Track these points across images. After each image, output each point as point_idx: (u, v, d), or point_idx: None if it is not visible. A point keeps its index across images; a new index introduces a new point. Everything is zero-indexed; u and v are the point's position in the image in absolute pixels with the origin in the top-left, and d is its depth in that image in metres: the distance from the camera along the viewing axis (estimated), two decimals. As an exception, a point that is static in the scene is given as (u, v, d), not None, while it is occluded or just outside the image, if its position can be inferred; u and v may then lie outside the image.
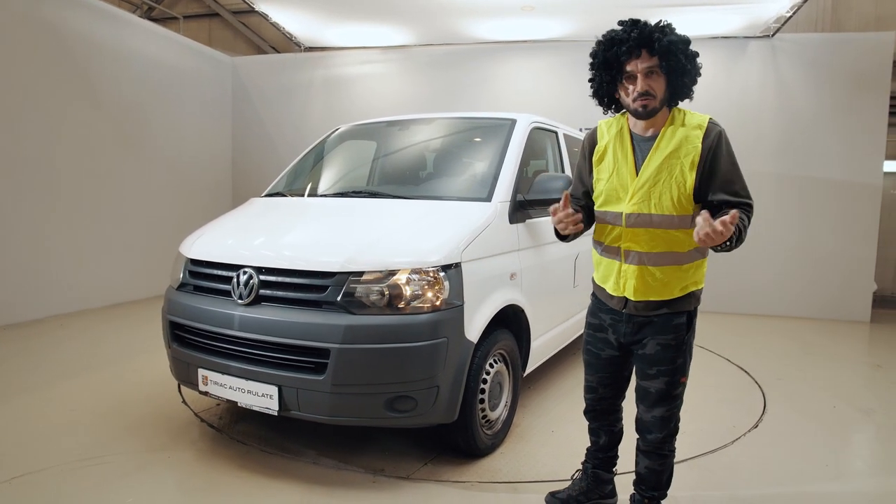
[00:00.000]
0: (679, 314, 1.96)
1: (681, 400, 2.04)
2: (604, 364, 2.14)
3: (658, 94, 1.84)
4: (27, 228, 5.46)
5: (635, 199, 1.89)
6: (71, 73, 5.86)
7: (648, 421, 2.05)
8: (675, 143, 1.86)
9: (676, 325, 1.96)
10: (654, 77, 1.83)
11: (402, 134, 3.88)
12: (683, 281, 1.93)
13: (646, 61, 1.81)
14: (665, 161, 1.86)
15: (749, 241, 7.53)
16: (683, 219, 1.86)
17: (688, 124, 1.89)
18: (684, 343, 1.97)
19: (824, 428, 3.40)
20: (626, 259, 1.95)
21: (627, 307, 1.99)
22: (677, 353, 1.97)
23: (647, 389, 2.02)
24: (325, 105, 8.08)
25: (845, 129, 6.46)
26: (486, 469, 2.74)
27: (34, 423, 3.17)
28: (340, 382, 2.40)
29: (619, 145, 1.97)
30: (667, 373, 1.98)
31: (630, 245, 1.93)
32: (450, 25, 7.13)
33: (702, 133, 1.85)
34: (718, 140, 1.85)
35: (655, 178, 1.86)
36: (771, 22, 6.37)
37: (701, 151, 1.83)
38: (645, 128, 1.93)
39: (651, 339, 1.97)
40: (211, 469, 2.70)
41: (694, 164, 1.83)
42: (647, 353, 1.98)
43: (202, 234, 3.11)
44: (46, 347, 4.66)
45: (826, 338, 5.71)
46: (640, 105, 1.84)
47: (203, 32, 9.60)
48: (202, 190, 7.76)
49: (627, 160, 1.94)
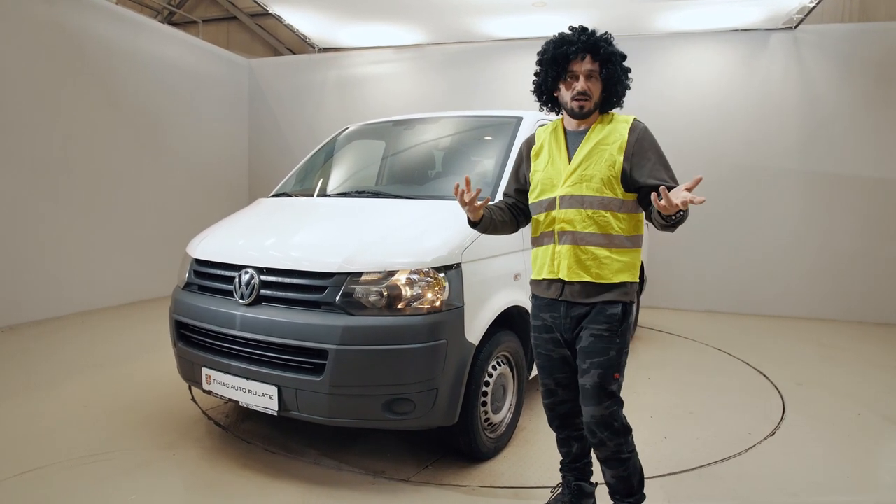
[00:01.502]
0: (613, 304, 2.01)
1: (618, 398, 2.03)
2: (557, 364, 2.14)
3: (593, 97, 2.02)
4: (47, 228, 5.58)
5: (569, 182, 2.02)
6: (90, 78, 5.97)
7: (589, 422, 2.02)
8: (604, 133, 2.03)
9: (610, 315, 2.00)
10: (593, 81, 2.01)
11: (407, 133, 3.86)
12: (617, 265, 2.00)
13: (588, 65, 1.99)
14: (595, 147, 2.01)
15: (771, 240, 7.34)
16: (612, 201, 1.98)
17: (616, 121, 2.07)
18: (617, 335, 2.00)
19: (846, 437, 3.26)
20: (559, 240, 2.03)
21: (564, 293, 2.03)
22: (610, 345, 1.99)
23: (583, 386, 2.02)
24: (339, 105, 8.11)
25: (873, 124, 6.22)
26: (488, 473, 2.70)
27: (46, 419, 3.22)
28: (338, 384, 2.38)
29: (554, 140, 2.12)
30: (599, 365, 1.98)
31: (563, 226, 2.02)
32: (462, 23, 7.10)
33: (628, 126, 2.02)
34: (644, 133, 2.02)
35: (587, 162, 2.00)
36: (794, 13, 6.17)
37: (627, 140, 1.99)
38: (577, 125, 2.09)
39: (585, 328, 2.01)
40: (214, 467, 2.71)
41: (622, 148, 1.98)
42: (583, 345, 2.01)
43: (207, 235, 3.13)
44: (63, 344, 4.75)
45: (851, 341, 5.51)
46: (577, 105, 2.01)
47: (222, 35, 9.72)
48: (219, 190, 7.85)
49: (561, 151, 2.09)
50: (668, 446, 3.05)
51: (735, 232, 6.61)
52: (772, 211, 6.55)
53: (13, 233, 5.28)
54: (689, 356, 4.82)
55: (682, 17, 6.45)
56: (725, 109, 6.60)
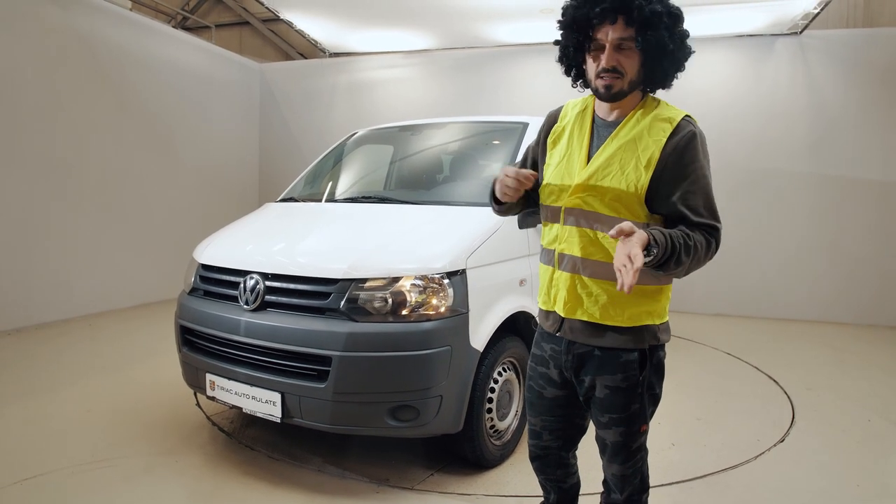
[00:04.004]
0: (628, 351, 1.57)
1: (644, 452, 1.69)
2: (547, 405, 1.74)
3: (628, 74, 1.50)
4: (56, 231, 5.62)
5: (579, 192, 1.55)
6: (103, 82, 6.02)
7: (609, 478, 1.72)
8: (637, 132, 1.53)
9: (625, 364, 1.57)
10: (627, 53, 1.49)
11: (414, 139, 3.86)
12: (629, 307, 1.55)
13: (619, 31, 1.47)
14: (618, 152, 1.52)
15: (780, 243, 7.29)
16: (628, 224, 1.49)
17: (658, 115, 1.54)
18: (639, 385, 1.58)
19: (857, 443, 3.21)
20: (559, 264, 1.61)
21: (563, 328, 1.63)
22: (631, 399, 1.58)
23: (602, 440, 1.69)
24: (349, 109, 8.14)
25: (881, 128, 6.18)
26: (493, 481, 2.67)
27: (49, 424, 3.24)
28: (342, 391, 2.37)
29: (578, 128, 1.63)
30: (620, 421, 1.61)
31: (564, 248, 1.59)
32: (470, 29, 7.11)
33: (670, 128, 1.51)
34: (689, 142, 1.50)
35: (607, 170, 1.52)
36: (798, 19, 6.16)
37: (663, 149, 1.49)
38: (609, 110, 1.59)
39: (596, 378, 1.60)
40: (217, 474, 2.71)
41: (652, 161, 1.49)
42: (597, 396, 1.62)
43: (214, 240, 3.14)
44: (68, 348, 4.77)
45: (862, 344, 5.43)
46: (602, 84, 1.51)
47: (234, 40, 9.81)
48: (229, 193, 7.89)
49: (582, 145, 1.60)
50: (676, 453, 3.02)
51: (744, 235, 6.55)
52: (781, 215, 6.50)
53: (21, 236, 5.33)
54: (697, 360, 4.77)
55: (688, 22, 6.36)
56: (733, 114, 6.57)
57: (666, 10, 1.47)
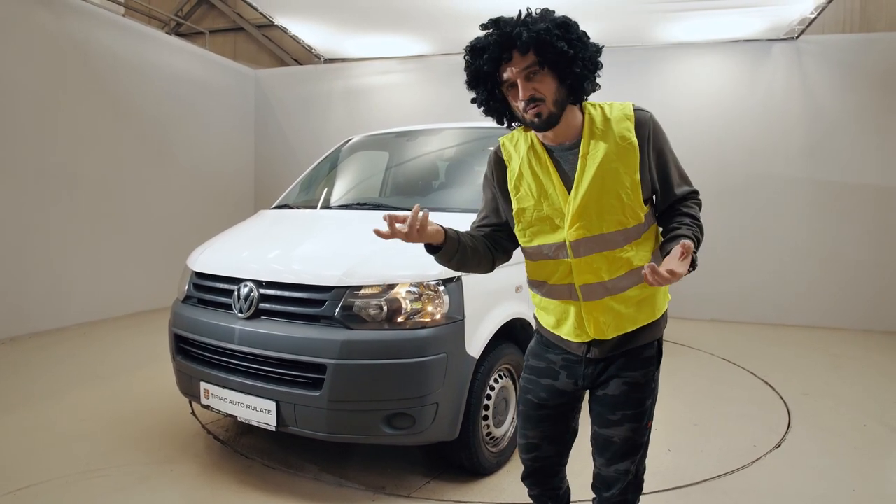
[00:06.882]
0: (648, 346, 1.63)
1: (646, 448, 1.69)
2: (550, 416, 1.70)
3: (549, 96, 1.47)
4: (53, 239, 5.60)
5: (580, 222, 1.52)
6: (97, 89, 6.01)
7: (609, 477, 1.66)
8: (605, 143, 1.51)
9: (646, 359, 1.62)
10: (539, 77, 1.46)
11: (410, 145, 3.86)
12: (653, 300, 1.61)
13: (519, 63, 1.45)
14: (599, 168, 1.50)
15: (777, 248, 7.30)
16: (636, 228, 1.54)
17: (612, 117, 1.53)
18: (653, 380, 1.64)
19: (853, 449, 3.21)
20: (585, 296, 1.57)
21: (591, 351, 1.62)
22: (645, 394, 1.62)
23: (609, 439, 1.63)
24: (345, 115, 8.14)
25: (877, 133, 6.20)
26: (490, 488, 2.67)
27: (43, 433, 3.21)
28: (337, 399, 2.36)
29: (537, 163, 1.58)
30: (633, 418, 1.61)
31: (588, 278, 1.55)
32: (466, 35, 6.91)
33: (632, 124, 1.52)
34: (653, 128, 1.54)
35: (600, 192, 1.50)
36: (794, 24, 6.18)
37: (639, 146, 1.51)
38: (557, 136, 1.55)
39: (617, 377, 1.61)
40: (212, 483, 2.69)
41: (635, 162, 1.50)
42: (611, 393, 1.61)
43: (207, 247, 3.13)
44: (64, 356, 4.75)
45: (858, 350, 5.44)
46: (531, 115, 1.48)
47: (228, 46, 9.80)
48: (225, 200, 7.87)
49: (553, 179, 1.55)
50: (672, 459, 3.01)
51: (741, 241, 6.57)
52: (778, 220, 6.51)
53: (15, 243, 5.30)
54: (693, 366, 4.77)
55: (685, 27, 6.45)
56: (729, 119, 6.59)
57: (551, 23, 1.45)
